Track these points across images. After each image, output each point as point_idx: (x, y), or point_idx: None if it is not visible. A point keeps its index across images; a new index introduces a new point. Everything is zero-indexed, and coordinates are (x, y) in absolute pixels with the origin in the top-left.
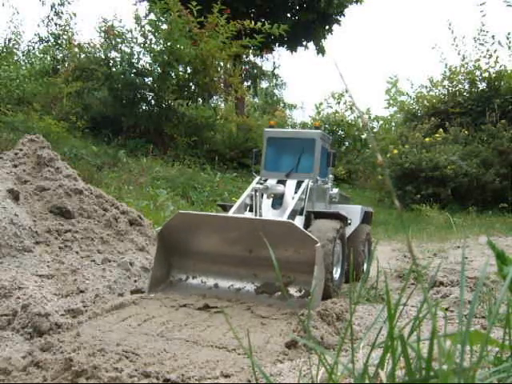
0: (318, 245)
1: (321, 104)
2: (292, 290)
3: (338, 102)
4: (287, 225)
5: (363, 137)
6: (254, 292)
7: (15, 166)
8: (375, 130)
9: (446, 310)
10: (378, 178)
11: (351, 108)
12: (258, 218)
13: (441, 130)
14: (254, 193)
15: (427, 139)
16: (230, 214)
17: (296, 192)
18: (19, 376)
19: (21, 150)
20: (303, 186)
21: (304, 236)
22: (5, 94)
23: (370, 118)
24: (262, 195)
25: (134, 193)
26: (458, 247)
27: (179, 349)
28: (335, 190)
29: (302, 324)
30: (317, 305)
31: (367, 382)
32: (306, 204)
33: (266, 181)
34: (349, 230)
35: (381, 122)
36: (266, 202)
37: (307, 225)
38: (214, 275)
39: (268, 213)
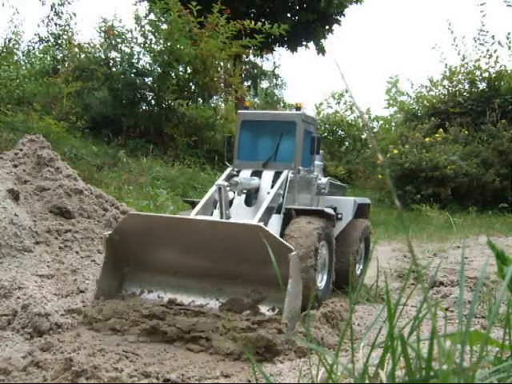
0: (293, 254)
1: (321, 104)
2: (263, 308)
3: (338, 102)
4: (256, 229)
5: (363, 137)
6: (219, 309)
7: (15, 166)
8: (375, 130)
9: (446, 310)
10: (378, 178)
11: (351, 108)
12: (221, 220)
13: (441, 129)
14: (218, 190)
15: (427, 139)
16: (194, 214)
17: (274, 185)
18: (19, 376)
19: (21, 149)
20: (281, 177)
21: (276, 243)
22: (5, 94)
23: (369, 117)
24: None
25: (133, 193)
26: (458, 247)
27: (179, 349)
28: (324, 180)
29: (303, 324)
30: (291, 327)
31: (367, 382)
32: (284, 199)
33: (239, 172)
34: (339, 227)
35: (381, 122)
36: (240, 198)
37: (286, 224)
38: (172, 289)
39: (240, 211)
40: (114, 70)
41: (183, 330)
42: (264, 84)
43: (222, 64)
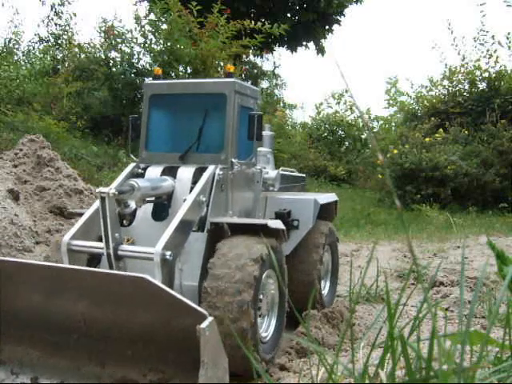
0: (204, 325)
1: (321, 104)
2: None
3: (338, 102)
4: (141, 283)
5: (363, 137)
6: None
7: (15, 166)
8: (375, 130)
9: (446, 310)
10: (378, 178)
11: (351, 108)
12: (88, 269)
13: (441, 129)
14: (100, 202)
15: (427, 139)
16: (68, 237)
17: (196, 187)
18: None
19: (21, 149)
20: (205, 176)
21: (175, 302)
22: (5, 94)
23: (369, 117)
24: (127, 204)
25: None
26: (458, 247)
27: None
28: (272, 173)
29: (303, 325)
30: None
31: (367, 382)
32: (210, 209)
33: (145, 169)
34: (295, 238)
35: (381, 122)
36: (146, 208)
37: (211, 247)
38: (32, 365)
39: (146, 229)
40: (113, 69)
41: None
42: (264, 84)
43: (221, 64)
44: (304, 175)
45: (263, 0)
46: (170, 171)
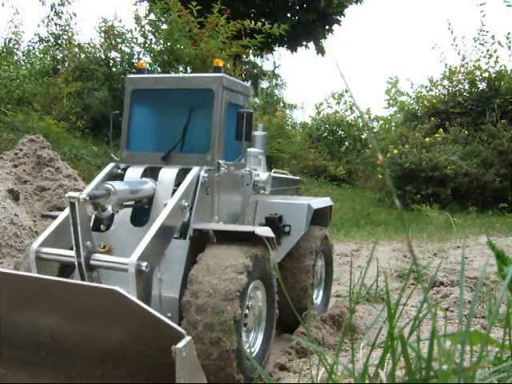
0: (180, 345)
1: (321, 104)
2: None
3: (338, 102)
4: (111, 296)
5: (363, 137)
6: None
7: (15, 166)
8: (375, 130)
9: (446, 310)
10: (378, 178)
11: (351, 108)
12: (58, 280)
13: (441, 130)
14: (70, 207)
15: (427, 139)
16: (37, 244)
17: (178, 191)
18: None
19: (21, 150)
20: (188, 178)
21: (147, 318)
22: (5, 94)
23: (369, 117)
24: (104, 207)
25: None
26: (458, 247)
27: None
28: (263, 176)
29: (303, 325)
30: None
31: (367, 382)
32: (193, 214)
33: (125, 170)
34: (287, 245)
35: (381, 122)
36: (125, 212)
37: (194, 256)
38: None
39: (124, 234)
40: (114, 69)
41: None
42: (264, 84)
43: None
44: (298, 178)
45: (263, 0)
46: (152, 172)
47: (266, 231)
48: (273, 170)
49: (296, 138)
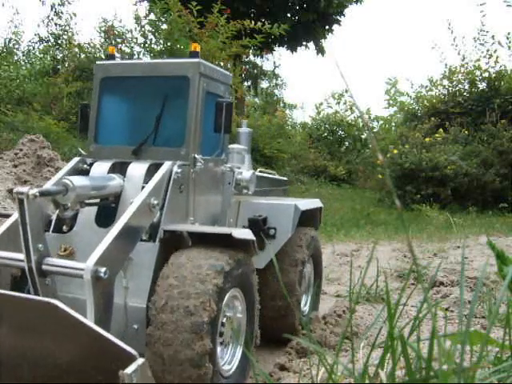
0: (130, 370)
1: (321, 104)
2: None
3: (338, 102)
4: (47, 310)
5: (363, 137)
6: None
7: (15, 166)
8: (375, 130)
9: (446, 310)
10: (378, 178)
11: (351, 108)
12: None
13: (441, 129)
14: (18, 204)
15: (427, 139)
16: None
17: (146, 188)
18: None
19: (21, 149)
20: (159, 174)
21: (90, 335)
22: (5, 94)
23: (369, 117)
24: (65, 206)
25: None
26: (458, 247)
27: None
28: (247, 174)
29: (304, 325)
30: None
31: (367, 382)
32: (164, 214)
33: (91, 165)
34: (273, 247)
35: (381, 122)
36: (88, 211)
37: (164, 260)
38: None
39: (88, 236)
40: None
41: None
42: (264, 84)
43: (221, 64)
44: (286, 179)
45: (263, 0)
46: (121, 168)
47: (245, 233)
48: (258, 169)
49: (296, 138)
